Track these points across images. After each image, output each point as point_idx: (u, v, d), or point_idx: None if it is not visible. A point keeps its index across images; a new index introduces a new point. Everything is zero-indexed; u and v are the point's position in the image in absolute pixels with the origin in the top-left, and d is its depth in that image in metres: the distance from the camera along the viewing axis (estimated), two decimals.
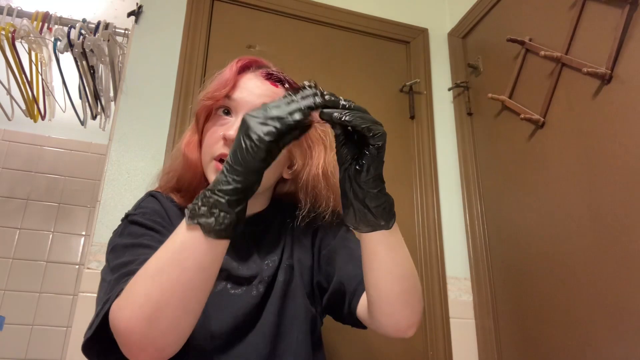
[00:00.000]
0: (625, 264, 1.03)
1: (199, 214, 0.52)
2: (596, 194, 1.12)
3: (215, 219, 0.52)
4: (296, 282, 0.77)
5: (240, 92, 0.75)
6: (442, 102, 1.74)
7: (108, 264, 0.68)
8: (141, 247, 0.68)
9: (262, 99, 0.74)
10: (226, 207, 0.52)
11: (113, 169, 1.31)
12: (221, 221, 0.52)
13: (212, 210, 0.52)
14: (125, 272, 0.63)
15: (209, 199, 0.52)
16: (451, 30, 1.84)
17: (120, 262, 0.65)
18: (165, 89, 1.44)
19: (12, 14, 1.63)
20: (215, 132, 0.75)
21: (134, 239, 0.69)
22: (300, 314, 0.75)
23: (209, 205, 0.52)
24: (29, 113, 1.82)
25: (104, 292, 0.63)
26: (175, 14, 1.54)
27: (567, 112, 1.24)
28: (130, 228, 0.72)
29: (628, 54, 1.07)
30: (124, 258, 0.66)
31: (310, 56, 1.65)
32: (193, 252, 0.53)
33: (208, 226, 0.52)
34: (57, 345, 2.02)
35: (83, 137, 2.29)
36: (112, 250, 0.70)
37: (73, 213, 2.22)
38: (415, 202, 1.57)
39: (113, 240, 0.72)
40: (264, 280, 0.74)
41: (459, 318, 1.48)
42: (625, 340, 1.01)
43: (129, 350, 0.55)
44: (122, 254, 0.67)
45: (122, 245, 0.69)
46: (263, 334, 0.71)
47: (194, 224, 0.52)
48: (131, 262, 0.65)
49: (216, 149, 0.74)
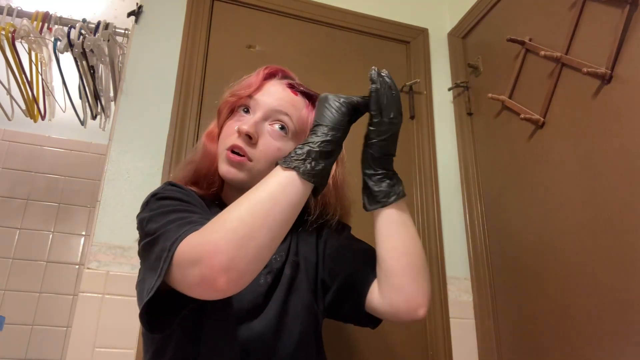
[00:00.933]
0: (626, 263, 1.03)
1: (295, 160, 0.63)
2: (596, 193, 1.12)
3: (309, 164, 0.63)
4: (301, 278, 0.79)
5: (262, 94, 0.81)
6: (442, 102, 1.74)
7: (151, 228, 0.66)
8: (185, 211, 0.68)
9: (280, 102, 0.80)
10: (318, 156, 0.64)
11: (113, 169, 1.31)
12: (314, 166, 0.63)
13: (307, 157, 0.63)
14: (185, 222, 0.63)
15: (303, 149, 0.64)
16: (451, 30, 1.84)
17: (170, 219, 0.64)
18: (165, 89, 1.44)
19: (12, 14, 1.63)
20: (231, 126, 0.80)
21: (174, 206, 0.69)
22: (303, 308, 0.77)
23: (304, 154, 0.63)
24: (29, 113, 1.82)
25: (162, 243, 0.61)
26: (175, 14, 1.54)
27: (567, 112, 1.24)
28: (164, 202, 0.70)
29: (628, 54, 1.07)
30: (172, 217, 0.65)
31: (310, 56, 1.65)
32: (287, 190, 0.61)
33: (304, 169, 0.62)
34: (57, 345, 2.02)
35: (83, 137, 2.29)
36: (150, 219, 0.67)
37: (73, 213, 2.23)
38: (415, 202, 1.57)
39: (146, 214, 0.69)
40: (273, 271, 0.77)
41: (459, 318, 1.48)
42: (625, 339, 1.01)
43: (208, 275, 0.55)
44: (166, 217, 0.66)
45: (162, 212, 0.67)
46: (268, 322, 0.73)
47: (290, 168, 0.62)
48: (184, 217, 0.65)
49: (230, 140, 0.79)
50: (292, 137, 0.80)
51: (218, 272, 0.54)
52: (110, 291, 1.19)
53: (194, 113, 1.43)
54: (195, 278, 0.56)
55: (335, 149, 0.67)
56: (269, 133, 0.79)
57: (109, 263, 1.22)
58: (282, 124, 0.79)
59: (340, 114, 0.68)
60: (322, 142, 0.65)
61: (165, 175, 1.34)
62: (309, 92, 0.84)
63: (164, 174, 1.34)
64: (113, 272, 1.21)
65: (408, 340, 1.42)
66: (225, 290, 0.56)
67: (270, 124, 0.80)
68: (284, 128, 0.79)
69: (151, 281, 0.60)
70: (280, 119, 0.79)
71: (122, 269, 1.22)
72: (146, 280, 0.62)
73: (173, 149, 1.37)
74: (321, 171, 0.64)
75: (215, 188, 0.85)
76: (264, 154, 0.78)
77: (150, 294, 0.59)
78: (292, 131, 0.80)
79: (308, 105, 0.83)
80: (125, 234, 1.25)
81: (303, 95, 0.84)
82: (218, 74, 1.52)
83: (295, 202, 0.62)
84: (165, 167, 1.35)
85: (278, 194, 0.60)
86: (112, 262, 1.22)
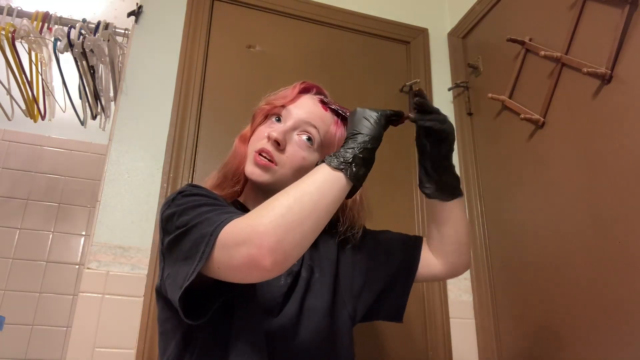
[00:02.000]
0: (625, 263, 1.03)
1: (343, 162, 0.68)
2: (596, 193, 1.12)
3: (355, 167, 0.68)
4: (316, 280, 0.84)
5: (294, 106, 0.87)
6: (442, 102, 1.74)
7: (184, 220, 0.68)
8: (216, 205, 0.70)
9: (310, 116, 0.86)
10: (361, 161, 0.69)
11: (113, 169, 1.31)
12: (358, 170, 0.68)
13: (353, 161, 0.68)
14: (222, 212, 0.66)
15: (347, 153, 0.69)
16: (451, 30, 1.84)
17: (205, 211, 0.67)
18: (165, 89, 1.44)
19: (12, 14, 1.63)
20: (263, 131, 0.87)
21: (204, 200, 0.72)
22: (320, 308, 0.81)
23: (350, 157, 0.68)
24: (29, 113, 1.82)
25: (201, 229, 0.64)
26: (175, 14, 1.54)
27: (567, 112, 1.24)
28: (192, 198, 0.72)
29: (628, 54, 1.07)
30: (205, 209, 0.68)
31: (310, 56, 1.65)
32: (334, 187, 0.66)
33: (351, 172, 0.67)
34: (57, 345, 2.02)
35: (83, 137, 2.29)
36: (183, 212, 0.69)
37: (73, 213, 2.22)
38: (415, 202, 1.57)
39: (175, 209, 0.71)
40: (292, 273, 0.82)
41: (459, 318, 1.48)
42: (625, 340, 1.01)
43: (255, 255, 0.58)
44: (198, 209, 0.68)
45: (193, 205, 0.70)
46: (289, 319, 0.77)
47: (338, 169, 0.67)
48: (218, 209, 0.68)
49: (259, 144, 0.84)
50: (317, 149, 0.86)
51: (266, 252, 0.58)
52: (110, 291, 1.19)
53: (194, 113, 1.43)
54: (243, 257, 0.59)
55: (373, 157, 0.72)
56: (296, 142, 0.85)
57: (109, 263, 1.22)
58: (309, 135, 0.85)
59: (380, 125, 0.74)
60: (364, 149, 0.70)
61: (165, 175, 1.34)
62: (339, 109, 0.90)
63: (164, 174, 1.34)
64: (113, 272, 1.21)
65: (408, 340, 1.42)
66: (270, 271, 0.59)
67: (298, 134, 0.85)
68: (311, 139, 0.85)
69: (189, 268, 0.62)
70: (308, 130, 0.85)
71: (122, 269, 1.22)
72: (179, 270, 0.64)
73: (173, 149, 1.37)
74: (362, 175, 0.70)
75: (238, 187, 0.90)
76: (290, 160, 0.84)
77: (190, 278, 0.61)
78: (318, 143, 0.86)
79: (337, 122, 0.90)
80: (125, 234, 1.26)
81: (333, 112, 0.90)
82: (218, 74, 1.52)
83: (338, 200, 0.67)
84: (165, 167, 1.35)
85: (325, 190, 0.65)
86: (112, 262, 1.22)
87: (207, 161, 1.40)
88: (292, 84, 0.93)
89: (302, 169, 0.83)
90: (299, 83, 0.92)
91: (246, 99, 0.95)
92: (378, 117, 0.74)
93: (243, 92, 1.51)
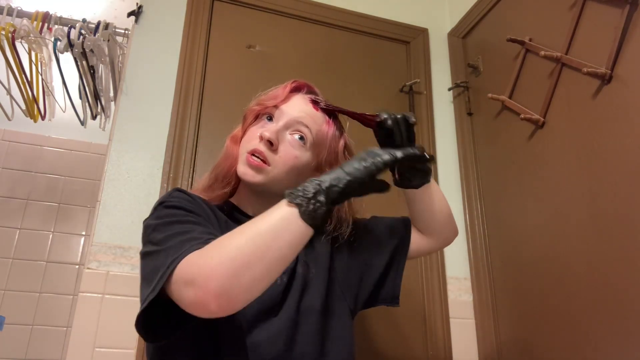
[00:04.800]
0: (625, 263, 1.03)
1: (301, 197, 0.61)
2: (596, 193, 1.12)
3: (313, 204, 0.61)
4: (312, 276, 0.84)
5: (286, 106, 0.87)
6: (442, 102, 1.74)
7: (155, 237, 0.69)
8: (189, 223, 0.71)
9: (302, 115, 0.85)
10: (325, 198, 0.62)
11: (113, 169, 1.31)
12: (316, 208, 0.61)
13: (313, 197, 0.61)
14: (187, 238, 0.66)
15: (311, 185, 0.62)
16: (451, 30, 1.84)
17: (173, 233, 0.68)
18: (165, 89, 1.44)
19: (12, 14, 1.63)
20: (255, 131, 0.86)
21: (179, 217, 0.72)
22: (318, 304, 0.82)
23: (310, 192, 0.61)
24: (29, 113, 1.82)
25: (162, 258, 0.64)
26: (175, 14, 1.54)
27: (567, 112, 1.24)
28: (170, 211, 0.74)
29: (628, 54, 1.07)
30: (176, 229, 0.69)
31: (310, 56, 1.65)
32: (290, 226, 0.60)
33: (305, 209, 0.61)
34: (57, 345, 2.02)
35: (83, 137, 2.29)
36: (155, 228, 0.71)
37: (73, 213, 2.22)
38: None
39: (152, 222, 0.73)
40: (287, 271, 0.81)
41: (459, 318, 1.48)
42: (625, 340, 1.01)
43: (200, 298, 0.57)
44: (170, 228, 0.69)
45: (167, 222, 0.71)
46: (287, 318, 0.77)
47: (293, 204, 0.61)
48: (187, 232, 0.68)
49: (251, 145, 0.83)
50: (309, 148, 0.86)
51: (211, 296, 0.57)
52: (110, 291, 1.19)
53: (194, 113, 1.43)
54: (190, 298, 0.59)
55: (343, 200, 0.65)
56: (289, 142, 0.84)
57: (109, 263, 1.22)
58: (301, 134, 0.85)
59: (366, 173, 0.64)
60: (333, 187, 0.62)
61: (165, 175, 1.34)
62: (329, 108, 0.89)
63: (164, 174, 1.34)
64: (113, 272, 1.21)
65: (408, 340, 1.42)
66: (217, 313, 0.58)
67: (290, 133, 0.85)
68: (303, 139, 0.85)
69: (145, 292, 0.64)
70: (300, 129, 0.85)
71: (122, 269, 1.22)
72: (142, 290, 0.66)
73: (173, 149, 1.37)
74: (321, 215, 0.62)
75: (229, 189, 0.89)
76: (283, 159, 0.83)
77: (143, 306, 0.62)
78: (310, 142, 0.85)
79: (328, 121, 0.89)
80: (125, 234, 1.26)
81: (324, 111, 0.89)
82: (218, 74, 1.52)
83: (296, 241, 0.61)
84: (165, 167, 1.35)
85: (279, 230, 0.60)
86: (112, 262, 1.22)
87: (207, 161, 1.40)
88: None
89: (294, 168, 0.83)
90: (289, 82, 0.91)
91: (246, 99, 0.95)
92: (370, 163, 0.65)
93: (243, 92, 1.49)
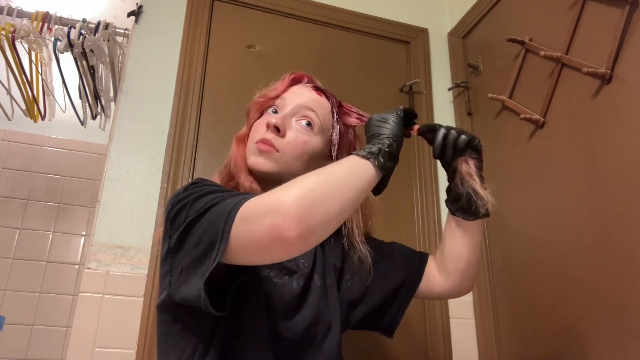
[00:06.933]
0: (626, 263, 1.03)
1: (370, 153, 0.68)
2: (596, 193, 1.12)
3: (382, 158, 0.68)
4: (329, 285, 0.84)
5: (289, 95, 0.86)
6: (442, 102, 1.74)
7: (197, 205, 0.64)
8: (229, 191, 0.68)
9: (307, 100, 0.85)
10: (387, 155, 0.69)
11: (113, 169, 1.31)
12: (385, 162, 0.68)
13: (379, 153, 0.68)
14: (236, 194, 0.64)
15: (374, 147, 0.69)
16: (451, 30, 1.84)
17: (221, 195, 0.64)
18: (165, 89, 1.44)
19: (12, 14, 1.63)
20: (261, 124, 0.85)
21: (217, 187, 0.70)
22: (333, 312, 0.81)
23: (377, 150, 0.68)
24: (29, 113, 1.82)
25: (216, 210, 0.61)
26: (175, 14, 1.54)
27: (567, 112, 1.24)
28: (204, 187, 0.69)
29: (628, 54, 1.07)
30: (221, 193, 0.65)
31: (310, 56, 1.65)
32: (362, 174, 0.66)
33: (379, 162, 0.67)
34: (57, 345, 2.03)
35: (83, 137, 2.29)
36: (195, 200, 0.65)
37: (73, 213, 2.23)
38: (415, 202, 1.57)
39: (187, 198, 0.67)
40: (303, 275, 0.80)
41: (459, 318, 1.48)
42: (625, 340, 1.01)
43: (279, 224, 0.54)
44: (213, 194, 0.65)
45: (208, 191, 0.66)
46: (303, 323, 0.76)
47: (365, 158, 0.67)
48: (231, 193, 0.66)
49: (258, 135, 0.83)
50: (317, 133, 0.84)
51: (291, 223, 0.54)
52: (110, 291, 1.19)
53: (194, 113, 1.43)
54: (266, 229, 0.55)
55: (397, 156, 0.72)
56: (296, 128, 0.83)
57: (109, 263, 1.22)
58: (308, 119, 0.84)
59: (397, 124, 0.74)
60: (389, 145, 0.70)
61: (165, 175, 1.34)
62: (330, 96, 0.89)
63: (164, 174, 1.34)
64: (113, 272, 1.21)
65: (408, 340, 1.42)
66: (295, 245, 0.55)
67: (297, 119, 0.84)
68: (310, 124, 0.84)
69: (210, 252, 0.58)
70: (307, 114, 0.84)
71: (122, 269, 1.22)
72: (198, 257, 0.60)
73: (173, 149, 1.37)
74: (390, 167, 0.69)
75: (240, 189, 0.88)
76: (291, 145, 0.81)
77: (216, 261, 0.56)
78: (318, 127, 0.84)
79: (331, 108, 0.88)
80: (125, 234, 1.25)
81: (327, 97, 0.88)
82: (218, 74, 1.52)
83: (366, 187, 0.66)
84: (165, 167, 1.35)
85: (352, 174, 0.64)
86: (112, 262, 1.22)
87: (207, 161, 1.40)
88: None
89: (305, 154, 0.82)
90: (288, 74, 0.90)
91: (246, 99, 0.95)
92: (395, 116, 0.75)
93: (243, 92, 1.49)
